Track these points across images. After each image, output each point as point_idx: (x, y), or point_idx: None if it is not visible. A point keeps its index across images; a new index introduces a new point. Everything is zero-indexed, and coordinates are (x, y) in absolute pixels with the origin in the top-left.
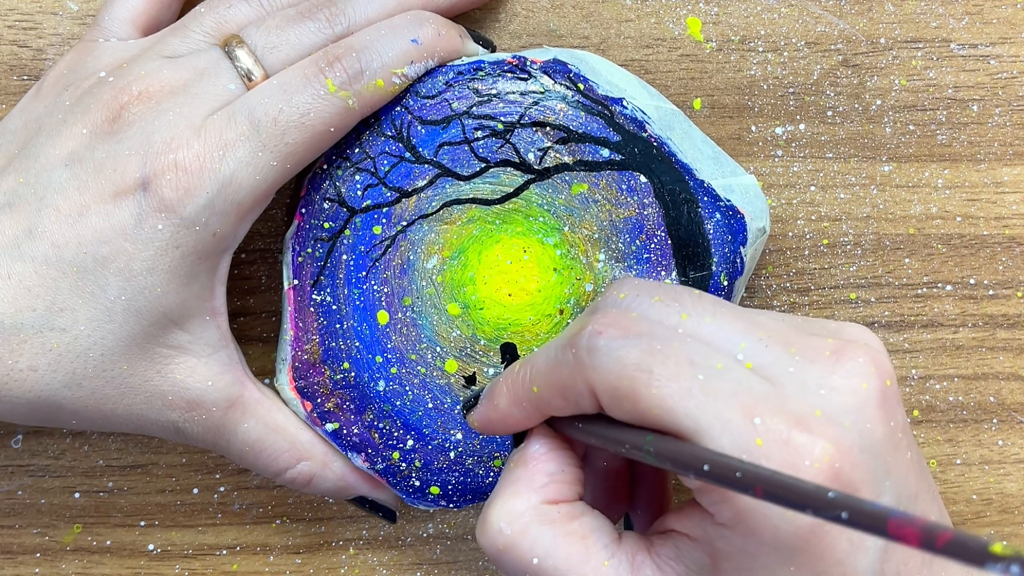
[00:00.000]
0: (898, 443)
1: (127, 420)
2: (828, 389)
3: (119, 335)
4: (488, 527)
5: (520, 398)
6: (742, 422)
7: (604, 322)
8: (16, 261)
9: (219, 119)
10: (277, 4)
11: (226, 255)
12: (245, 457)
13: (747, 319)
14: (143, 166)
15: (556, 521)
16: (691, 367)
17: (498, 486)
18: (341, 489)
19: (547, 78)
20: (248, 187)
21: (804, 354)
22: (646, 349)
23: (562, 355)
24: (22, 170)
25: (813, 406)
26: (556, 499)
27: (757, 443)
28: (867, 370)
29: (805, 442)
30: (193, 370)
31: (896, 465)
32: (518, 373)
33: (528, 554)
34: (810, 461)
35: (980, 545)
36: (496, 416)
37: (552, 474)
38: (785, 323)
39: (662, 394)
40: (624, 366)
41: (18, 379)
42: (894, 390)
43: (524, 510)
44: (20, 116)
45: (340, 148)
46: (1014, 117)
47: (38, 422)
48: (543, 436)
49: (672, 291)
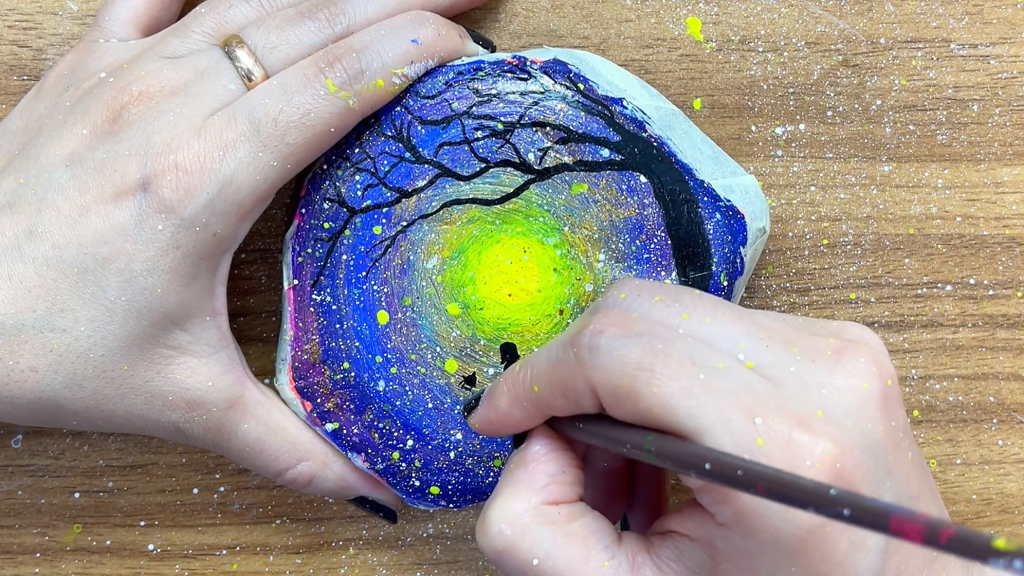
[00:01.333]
0: (899, 443)
1: (127, 420)
2: (829, 389)
3: (120, 336)
4: (488, 528)
5: (521, 398)
6: (743, 422)
7: (605, 321)
8: (16, 262)
9: (219, 119)
10: (277, 4)
11: (226, 255)
12: (245, 457)
13: (748, 319)
14: (143, 166)
15: (556, 522)
16: (692, 367)
17: (498, 487)
18: (341, 489)
19: (547, 78)
20: (248, 187)
21: (805, 354)
22: (647, 348)
23: (563, 354)
24: (22, 170)
25: (814, 406)
26: (556, 500)
27: (758, 443)
28: (868, 370)
29: (806, 442)
30: (193, 370)
31: (897, 465)
32: (519, 373)
33: (528, 555)
34: (811, 461)
35: (984, 540)
36: (497, 417)
37: (552, 475)
38: (786, 323)
39: (663, 393)
40: (625, 365)
41: (19, 380)
42: (895, 390)
43: (524, 511)
44: (20, 116)
45: (340, 148)
46: (1014, 117)
47: (39, 422)
48: (544, 437)
49: (673, 291)
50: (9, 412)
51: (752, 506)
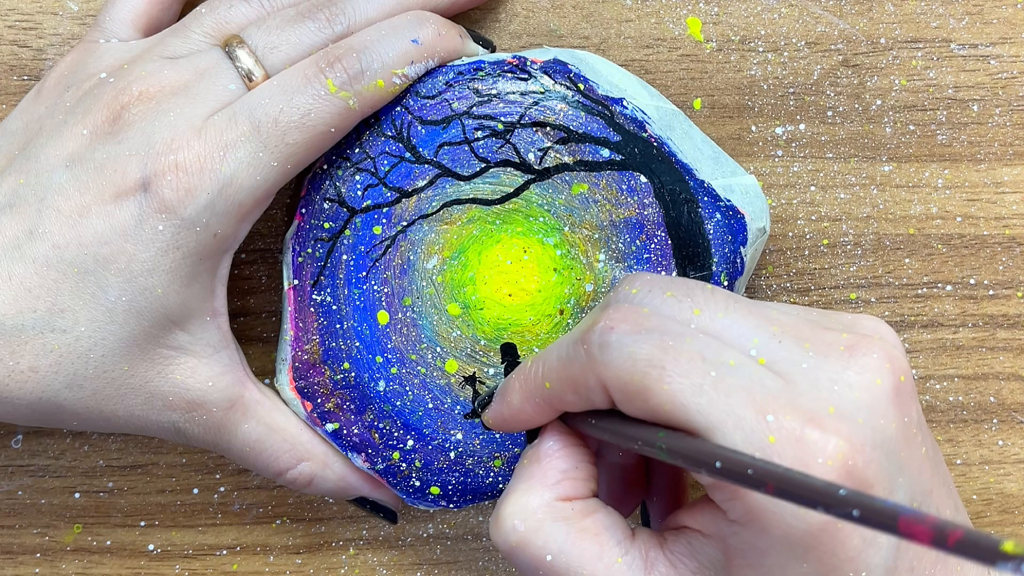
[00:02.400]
0: (912, 439)
1: (128, 421)
2: (842, 385)
3: (120, 336)
4: (501, 523)
5: (533, 394)
6: (754, 419)
7: (616, 317)
8: (17, 262)
9: (220, 119)
10: (277, 4)
11: (227, 256)
12: (246, 458)
13: (760, 314)
14: (144, 167)
15: (570, 518)
16: (703, 363)
17: (512, 482)
18: (342, 490)
19: (547, 78)
20: (249, 187)
21: (817, 349)
22: (658, 344)
23: (574, 351)
24: (23, 171)
25: (826, 403)
26: (570, 496)
27: (770, 440)
28: (881, 366)
29: (818, 439)
30: (194, 371)
31: (910, 461)
32: (530, 369)
33: (541, 551)
34: (823, 458)
35: (992, 543)
36: (509, 413)
37: (565, 471)
38: (799, 317)
39: (673, 390)
40: (636, 361)
41: (19, 380)
42: (909, 385)
43: (538, 507)
44: (21, 117)
45: (340, 148)
46: (1014, 117)
47: (39, 423)
48: (556, 433)
49: (684, 286)
50: (9, 412)
51: (764, 503)
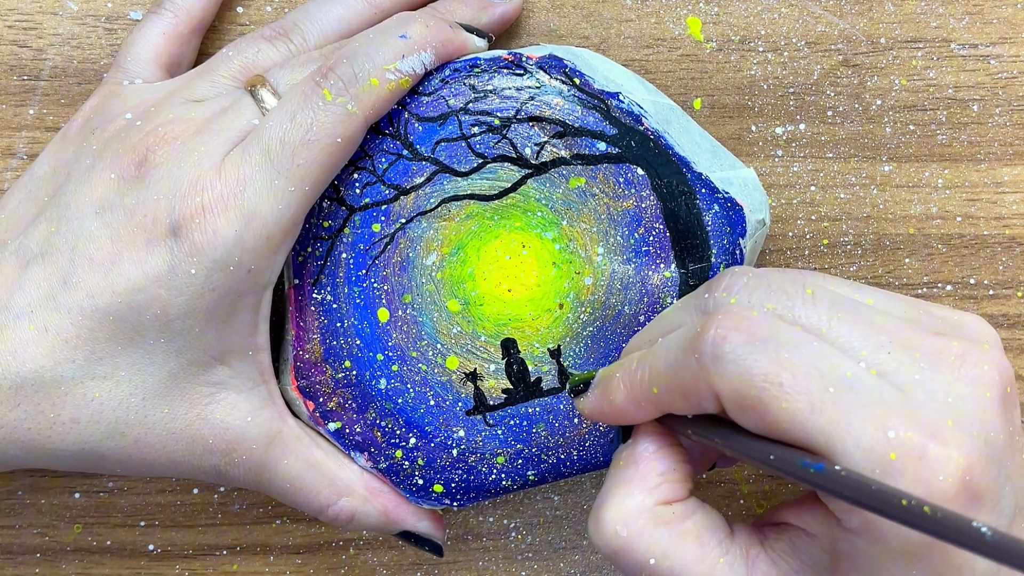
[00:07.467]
0: (1016, 446)
1: (169, 467)
2: (955, 397)
3: (159, 376)
4: (604, 528)
5: (639, 398)
6: (874, 435)
7: (728, 326)
8: (52, 313)
9: (235, 155)
10: (303, 46)
11: (267, 290)
12: (287, 495)
13: (865, 320)
14: (172, 211)
15: (671, 522)
16: (821, 379)
17: (610, 484)
18: (384, 524)
19: (543, 73)
20: (273, 218)
21: (928, 359)
22: (773, 358)
23: (685, 360)
24: (54, 219)
25: (944, 415)
26: (669, 499)
27: (891, 457)
28: (992, 378)
29: (939, 455)
30: (234, 406)
31: (1014, 469)
32: (635, 372)
33: (644, 555)
34: (944, 476)
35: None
36: (611, 411)
37: (663, 473)
38: (902, 319)
39: (792, 409)
40: (752, 376)
41: (61, 432)
42: (1014, 395)
43: (639, 512)
44: (48, 161)
45: None
46: (1014, 117)
47: (83, 470)
48: (653, 433)
49: (782, 288)
50: (52, 463)
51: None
